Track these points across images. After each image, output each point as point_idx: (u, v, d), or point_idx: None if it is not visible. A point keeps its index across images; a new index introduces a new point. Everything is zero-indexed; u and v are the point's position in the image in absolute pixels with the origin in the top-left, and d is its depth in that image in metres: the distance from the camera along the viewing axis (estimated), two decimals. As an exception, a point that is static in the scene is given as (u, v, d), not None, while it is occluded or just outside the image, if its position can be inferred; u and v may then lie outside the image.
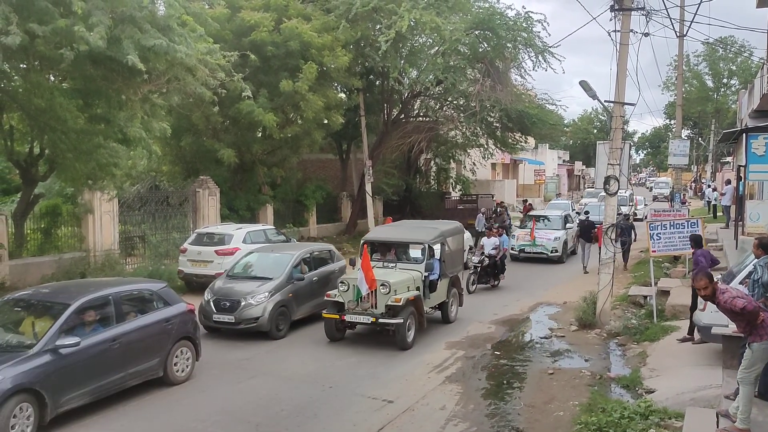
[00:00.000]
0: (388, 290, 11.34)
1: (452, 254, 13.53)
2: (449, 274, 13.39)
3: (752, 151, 13.10)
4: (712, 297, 6.59)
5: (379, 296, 11.37)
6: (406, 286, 11.86)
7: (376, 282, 11.26)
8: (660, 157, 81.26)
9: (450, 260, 13.32)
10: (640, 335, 12.11)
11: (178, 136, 20.45)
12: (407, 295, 11.57)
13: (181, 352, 9.72)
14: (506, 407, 9.02)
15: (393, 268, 12.44)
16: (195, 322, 10.30)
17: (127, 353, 8.74)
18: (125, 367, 8.74)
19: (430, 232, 13.16)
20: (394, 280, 11.61)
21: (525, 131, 30.35)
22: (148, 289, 9.82)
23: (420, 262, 12.54)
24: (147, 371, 9.18)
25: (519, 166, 54.43)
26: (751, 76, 35.10)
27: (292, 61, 20.86)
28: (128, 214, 18.40)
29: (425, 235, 13.04)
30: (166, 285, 10.23)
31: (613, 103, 13.31)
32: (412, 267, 12.48)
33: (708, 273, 6.89)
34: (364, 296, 11.37)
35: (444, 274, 13.04)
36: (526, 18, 24.34)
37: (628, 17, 13.04)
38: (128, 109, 13.44)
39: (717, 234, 21.00)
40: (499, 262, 17.26)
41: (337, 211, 28.74)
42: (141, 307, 9.42)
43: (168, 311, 9.64)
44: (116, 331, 8.66)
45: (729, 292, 6.59)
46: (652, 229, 13.64)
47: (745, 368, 6.45)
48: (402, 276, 11.99)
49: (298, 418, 8.41)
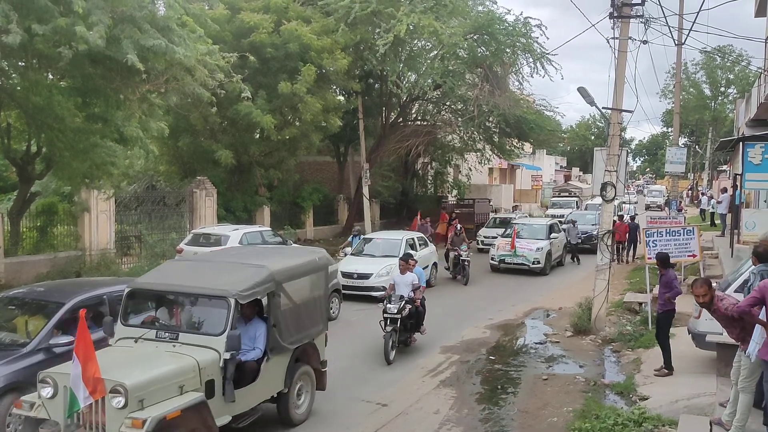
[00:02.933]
0: (123, 401, 5.88)
1: (298, 310, 8.06)
2: (291, 345, 7.86)
3: (749, 159, 13.15)
4: (710, 304, 6.59)
5: (109, 412, 5.94)
6: (172, 386, 6.32)
7: (103, 383, 5.86)
8: (657, 164, 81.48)
9: (293, 321, 7.92)
10: (634, 342, 12.13)
11: (175, 136, 20.47)
12: (166, 410, 6.05)
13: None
14: (500, 412, 9.01)
15: (165, 345, 6.94)
16: None
17: None
18: None
19: (245, 274, 7.48)
20: (139, 380, 6.09)
21: (522, 137, 30.42)
22: None
23: (217, 333, 6.87)
24: None
25: (516, 171, 54.48)
26: (749, 85, 35.27)
27: (291, 63, 20.89)
28: (125, 214, 18.38)
29: (233, 280, 7.28)
30: None
31: (611, 110, 13.34)
32: (202, 341, 6.90)
33: (707, 280, 6.90)
34: (83, 410, 5.91)
35: (278, 348, 7.59)
36: (524, 23, 24.42)
37: (626, 25, 13.09)
38: (126, 109, 13.45)
39: (713, 242, 21.06)
40: (421, 308, 11.82)
41: (333, 214, 28.75)
42: None
43: None
44: None
45: (728, 299, 6.61)
46: (648, 236, 13.69)
47: (745, 377, 6.44)
48: (164, 366, 6.49)
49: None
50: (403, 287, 11.63)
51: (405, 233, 19.39)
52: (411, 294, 11.55)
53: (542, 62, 24.84)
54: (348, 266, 16.30)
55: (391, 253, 17.00)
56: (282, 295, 7.68)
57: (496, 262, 21.12)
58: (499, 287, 18.60)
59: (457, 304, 16.30)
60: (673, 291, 10.07)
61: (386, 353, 10.89)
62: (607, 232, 13.36)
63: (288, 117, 22.09)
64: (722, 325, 6.79)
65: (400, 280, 11.78)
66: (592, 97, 13.87)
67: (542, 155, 58.47)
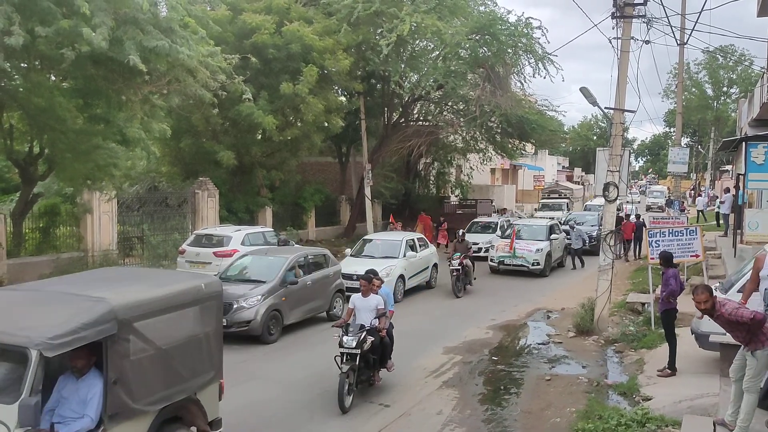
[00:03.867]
0: None
1: (165, 357, 6.00)
2: (152, 406, 5.86)
3: (752, 159, 13.12)
4: (711, 310, 6.58)
5: None
6: None
7: None
8: (659, 164, 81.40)
9: (155, 373, 5.90)
10: (637, 342, 12.10)
11: (177, 138, 20.48)
12: None
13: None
14: (503, 413, 9.00)
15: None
16: None
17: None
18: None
19: (69, 311, 5.38)
20: None
21: (524, 137, 30.37)
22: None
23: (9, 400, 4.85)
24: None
25: (518, 171, 54.44)
26: (751, 85, 35.20)
27: (293, 63, 20.89)
28: (127, 215, 18.41)
29: (46, 321, 5.22)
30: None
31: (613, 110, 13.32)
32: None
33: (708, 287, 6.88)
34: None
35: (125, 413, 5.55)
36: (526, 24, 24.41)
37: (629, 24, 13.08)
38: (128, 110, 13.47)
39: (716, 242, 21.02)
40: (387, 339, 9.80)
41: (336, 214, 28.75)
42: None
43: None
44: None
45: (730, 304, 6.59)
46: (651, 236, 13.67)
47: (751, 377, 6.43)
48: None
49: (291, 422, 8.39)
50: (365, 313, 9.46)
51: (405, 234, 19.36)
52: (374, 322, 9.34)
53: (544, 63, 24.83)
54: (347, 268, 16.32)
55: (392, 255, 17.01)
56: (132, 338, 5.59)
57: (496, 263, 20.91)
58: (501, 288, 18.57)
59: (458, 305, 16.30)
60: (668, 289, 10.01)
61: (340, 399, 8.68)
62: (609, 233, 13.34)
63: (290, 118, 22.09)
64: (726, 329, 6.77)
65: (361, 304, 9.56)
66: (595, 97, 13.84)
67: (544, 155, 58.41)
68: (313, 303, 13.39)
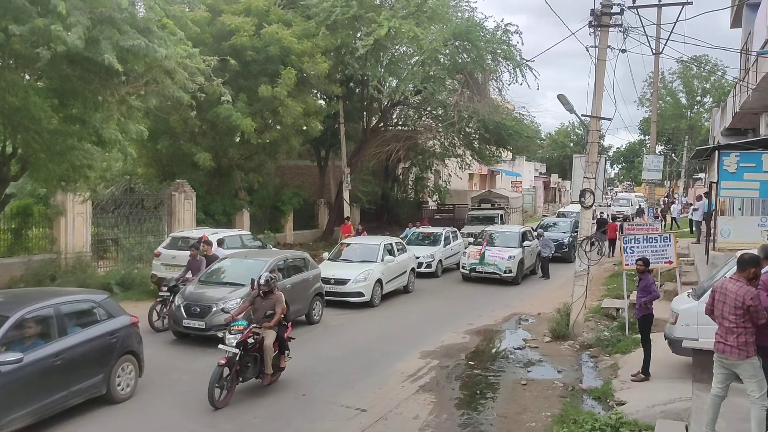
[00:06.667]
0: None
1: None
2: None
3: (724, 168, 13.33)
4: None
5: None
6: None
7: None
8: (634, 171, 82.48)
9: None
10: (612, 347, 12.24)
11: (154, 139, 20.28)
12: None
13: (125, 367, 9.03)
14: (479, 417, 9.04)
15: None
16: (139, 335, 9.54)
17: (70, 370, 8.00)
18: (68, 385, 7.99)
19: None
20: None
21: (501, 143, 30.58)
22: (90, 300, 9.04)
23: None
24: (90, 389, 8.42)
25: (496, 177, 54.81)
26: (724, 94, 35.88)
27: (271, 66, 20.83)
28: (102, 217, 18.16)
29: None
30: (108, 296, 9.56)
31: (590, 117, 13.49)
32: None
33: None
34: None
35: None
36: (505, 30, 24.63)
37: (606, 33, 13.26)
38: (104, 111, 13.27)
39: (689, 249, 21.33)
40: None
41: (314, 218, 28.68)
42: (84, 319, 8.66)
43: (112, 324, 8.95)
44: (59, 346, 7.91)
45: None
46: (626, 242, 13.84)
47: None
48: None
49: (270, 426, 8.34)
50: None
51: (383, 238, 19.38)
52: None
53: (522, 69, 25.06)
54: (326, 271, 16.27)
55: (369, 259, 17.00)
56: None
57: (467, 270, 20.48)
58: (477, 294, 18.66)
59: (436, 310, 16.34)
60: (651, 295, 10.25)
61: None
62: (585, 239, 13.48)
63: (268, 120, 22.00)
64: None
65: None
66: (572, 105, 14.00)
67: (522, 161, 58.88)
68: (292, 307, 13.27)
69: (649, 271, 10.75)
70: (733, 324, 6.31)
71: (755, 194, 13.74)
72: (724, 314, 6.42)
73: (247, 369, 9.25)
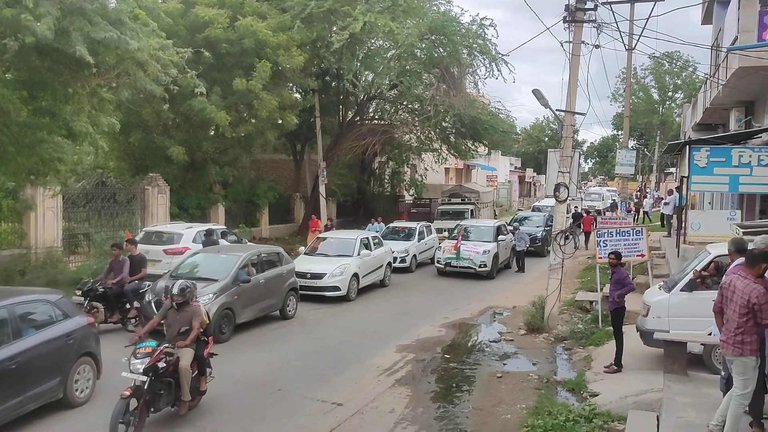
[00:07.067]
0: None
1: None
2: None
3: (695, 162, 13.54)
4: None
5: None
6: None
7: None
8: (607, 166, 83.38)
9: None
10: (585, 340, 12.40)
11: (127, 132, 19.97)
12: None
13: (82, 370, 8.58)
14: (455, 410, 9.08)
15: None
16: (96, 335, 9.08)
17: (26, 374, 7.60)
18: (24, 391, 7.59)
19: None
20: None
21: (477, 137, 30.70)
22: (45, 299, 8.59)
23: None
24: (46, 393, 8.00)
25: (472, 171, 55.04)
26: (695, 90, 36.42)
27: (246, 59, 20.64)
28: (73, 211, 17.84)
29: None
30: (63, 295, 9.16)
31: (564, 112, 13.59)
32: None
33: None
34: None
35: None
36: (480, 24, 24.70)
37: (580, 29, 13.36)
38: (75, 103, 13.03)
39: (660, 242, 21.66)
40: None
41: (289, 212, 28.54)
42: (40, 320, 8.26)
43: (69, 325, 8.52)
44: (14, 350, 7.49)
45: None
46: (599, 236, 14.01)
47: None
48: None
49: (245, 422, 8.29)
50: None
51: (360, 232, 19.37)
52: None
53: (497, 64, 25.17)
54: (302, 266, 16.20)
55: (346, 253, 16.98)
56: None
57: (442, 265, 20.45)
58: (453, 288, 18.73)
59: (412, 303, 16.39)
60: (625, 288, 10.39)
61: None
62: (560, 232, 13.61)
63: (243, 114, 21.81)
64: None
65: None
66: (546, 100, 14.09)
67: (497, 156, 59.20)
68: (266, 302, 13.28)
69: (621, 265, 10.90)
70: (735, 321, 6.16)
71: (725, 188, 14.00)
72: (730, 312, 6.24)
73: (160, 398, 7.81)
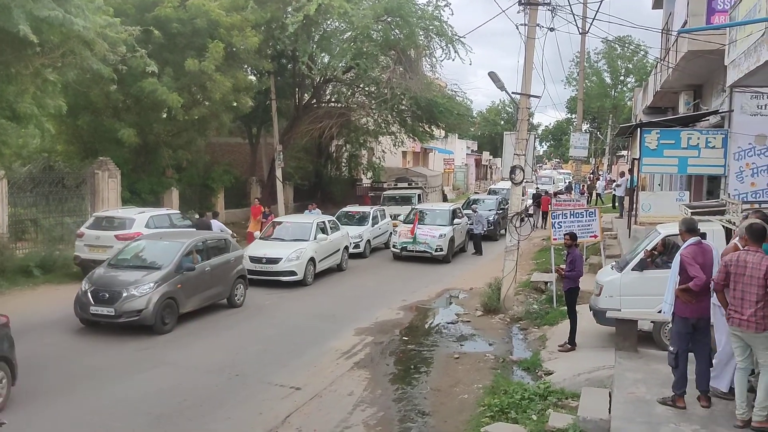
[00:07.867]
0: None
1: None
2: None
3: (645, 144, 13.85)
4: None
5: None
6: None
7: None
8: (562, 149, 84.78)
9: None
10: (540, 320, 12.64)
11: (74, 115, 19.31)
12: None
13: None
14: (413, 391, 9.15)
15: None
16: (11, 337, 8.08)
17: None
18: None
19: None
20: None
21: (433, 120, 30.73)
22: None
23: None
24: None
25: (429, 154, 55.22)
26: (646, 74, 37.20)
27: (198, 39, 20.14)
28: (19, 196, 17.20)
29: None
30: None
31: (520, 95, 13.69)
32: None
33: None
34: None
35: None
36: (436, 6, 24.64)
37: (535, 12, 13.44)
38: (18, 84, 12.55)
39: (612, 223, 22.16)
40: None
41: (246, 196, 28.12)
42: None
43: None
44: None
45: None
46: (554, 218, 14.24)
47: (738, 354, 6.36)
48: None
49: (202, 408, 8.18)
50: None
51: (316, 216, 19.23)
52: None
53: (454, 45, 25.16)
54: (257, 251, 15.98)
55: (302, 237, 16.85)
56: None
57: (398, 249, 20.32)
58: (411, 271, 18.79)
59: (370, 287, 16.40)
60: (575, 272, 10.58)
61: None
62: (515, 215, 13.77)
63: (197, 96, 21.32)
64: None
65: None
66: (502, 82, 14.18)
67: (454, 139, 59.49)
68: (212, 290, 12.86)
69: (576, 245, 11.10)
70: (754, 297, 6.05)
71: (674, 170, 14.37)
72: (743, 287, 6.13)
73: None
